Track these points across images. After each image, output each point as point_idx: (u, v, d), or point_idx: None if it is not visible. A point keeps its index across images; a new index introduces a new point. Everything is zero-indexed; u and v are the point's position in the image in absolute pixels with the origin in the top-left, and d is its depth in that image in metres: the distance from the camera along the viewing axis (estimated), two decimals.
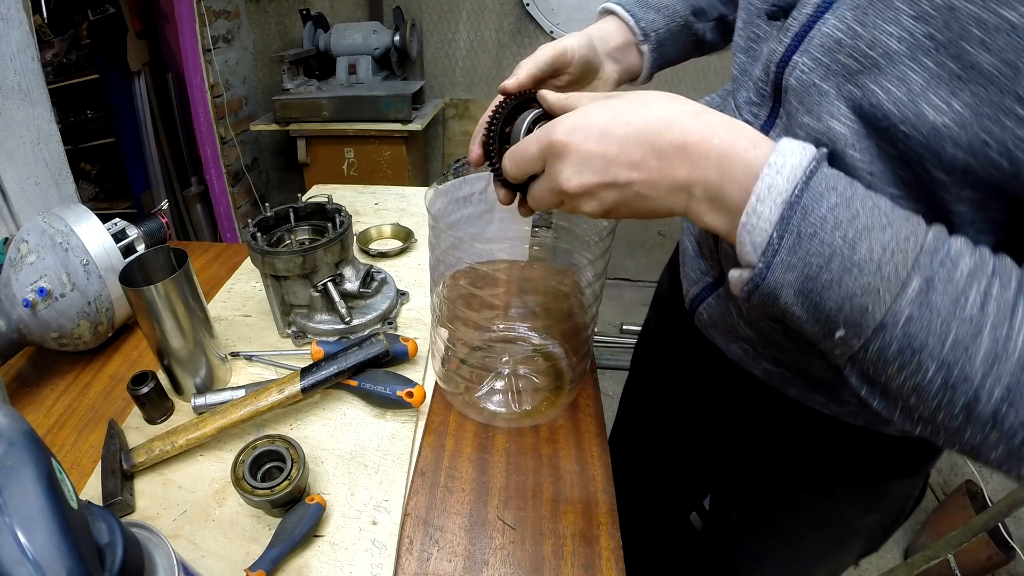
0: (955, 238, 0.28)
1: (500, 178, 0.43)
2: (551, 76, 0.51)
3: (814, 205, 0.28)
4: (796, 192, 0.28)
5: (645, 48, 0.55)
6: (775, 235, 0.29)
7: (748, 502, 0.64)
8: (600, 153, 0.34)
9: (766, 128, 0.42)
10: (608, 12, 0.57)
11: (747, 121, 0.43)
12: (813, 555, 0.63)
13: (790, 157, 0.29)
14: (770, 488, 0.60)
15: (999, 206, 0.31)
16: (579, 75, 0.53)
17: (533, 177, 0.40)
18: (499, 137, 0.43)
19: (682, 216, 0.35)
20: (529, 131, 0.41)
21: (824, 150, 0.30)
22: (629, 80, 0.58)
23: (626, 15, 0.54)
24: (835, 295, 0.28)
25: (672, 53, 0.58)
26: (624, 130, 0.33)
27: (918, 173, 0.32)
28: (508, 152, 0.40)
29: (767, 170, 0.29)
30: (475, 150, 0.45)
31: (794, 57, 0.36)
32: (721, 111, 0.33)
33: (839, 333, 0.29)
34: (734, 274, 0.33)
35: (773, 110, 0.40)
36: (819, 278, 0.28)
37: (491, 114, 0.44)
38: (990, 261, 0.28)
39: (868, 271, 0.27)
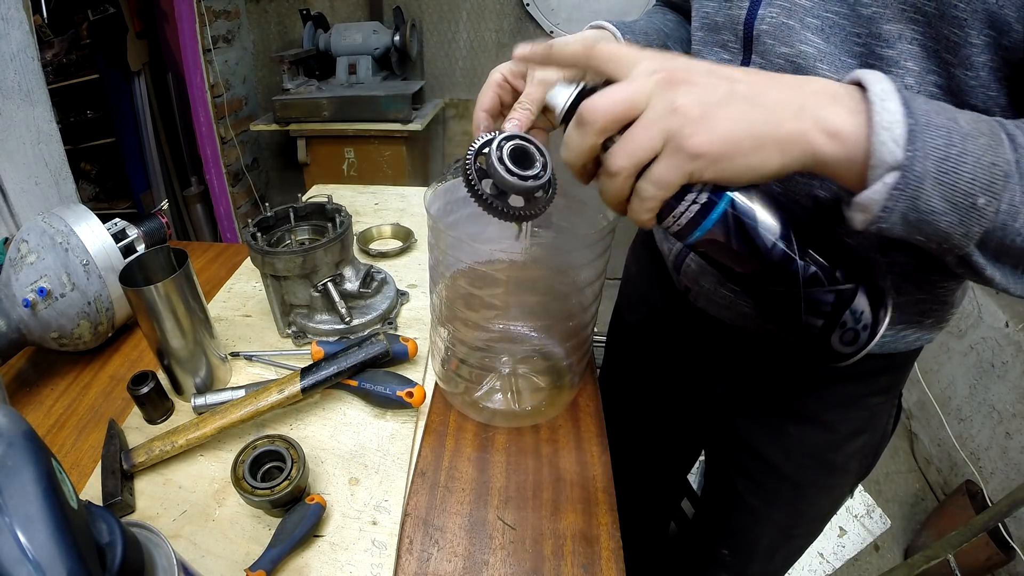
0: None
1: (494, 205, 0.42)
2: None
3: (912, 99, 0.31)
4: (899, 91, 0.31)
5: None
6: (911, 122, 0.30)
7: (743, 451, 0.66)
8: (705, 65, 0.35)
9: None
10: (595, 27, 0.59)
11: None
12: (815, 487, 0.65)
13: (871, 74, 0.32)
14: (761, 427, 0.63)
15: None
16: None
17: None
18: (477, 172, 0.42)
19: (785, 139, 0.32)
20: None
21: None
22: None
23: (613, 28, 0.57)
24: (967, 165, 0.30)
25: None
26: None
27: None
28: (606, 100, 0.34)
29: (869, 80, 0.32)
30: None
31: (759, 11, 0.44)
32: None
33: (981, 200, 0.31)
34: (865, 196, 0.32)
35: (745, 57, 0.48)
36: (950, 155, 0.30)
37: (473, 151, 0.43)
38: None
39: (978, 133, 0.31)
